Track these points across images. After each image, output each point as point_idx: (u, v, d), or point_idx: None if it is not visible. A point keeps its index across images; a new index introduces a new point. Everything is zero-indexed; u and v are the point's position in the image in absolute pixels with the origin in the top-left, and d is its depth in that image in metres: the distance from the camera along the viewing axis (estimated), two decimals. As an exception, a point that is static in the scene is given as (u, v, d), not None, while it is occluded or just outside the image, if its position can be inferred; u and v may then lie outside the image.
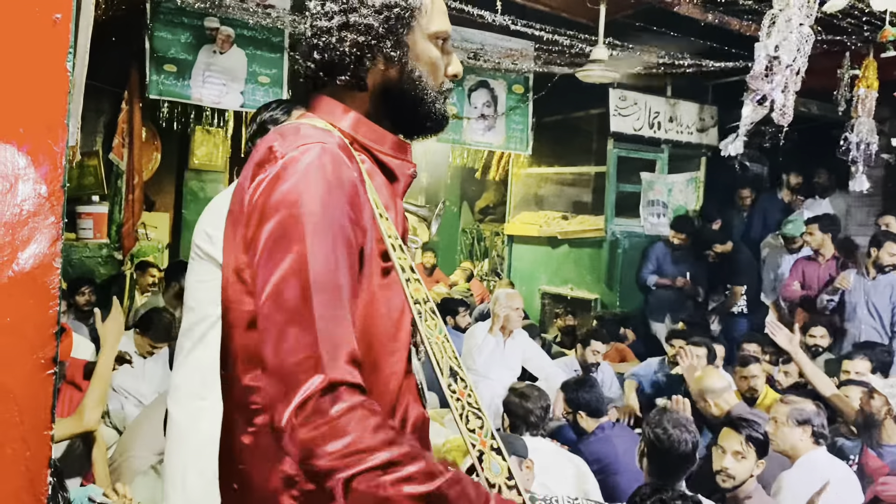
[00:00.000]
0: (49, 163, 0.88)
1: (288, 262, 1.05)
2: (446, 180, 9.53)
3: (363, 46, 1.20)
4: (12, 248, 0.86)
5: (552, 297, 7.77)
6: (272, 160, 1.13)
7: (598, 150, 7.57)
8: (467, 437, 1.07)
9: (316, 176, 1.09)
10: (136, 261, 6.50)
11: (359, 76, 1.22)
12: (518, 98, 6.91)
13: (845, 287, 5.32)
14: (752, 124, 3.76)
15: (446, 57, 1.30)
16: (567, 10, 5.71)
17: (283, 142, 1.14)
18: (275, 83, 5.57)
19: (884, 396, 3.41)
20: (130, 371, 4.10)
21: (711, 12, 5.25)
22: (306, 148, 1.11)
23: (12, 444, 0.86)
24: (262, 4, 5.17)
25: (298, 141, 1.13)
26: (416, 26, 1.24)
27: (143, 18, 5.09)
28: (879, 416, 3.39)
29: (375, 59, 1.22)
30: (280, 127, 1.22)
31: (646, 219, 7.26)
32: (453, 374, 1.11)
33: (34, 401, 0.88)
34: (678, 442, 2.69)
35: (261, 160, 1.15)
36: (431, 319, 1.16)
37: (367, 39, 1.20)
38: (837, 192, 6.91)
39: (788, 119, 3.64)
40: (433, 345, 1.12)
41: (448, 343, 1.15)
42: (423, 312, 1.16)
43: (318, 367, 0.99)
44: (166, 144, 7.30)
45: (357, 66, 1.21)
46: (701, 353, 4.36)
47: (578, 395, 3.64)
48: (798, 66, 3.42)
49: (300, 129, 1.17)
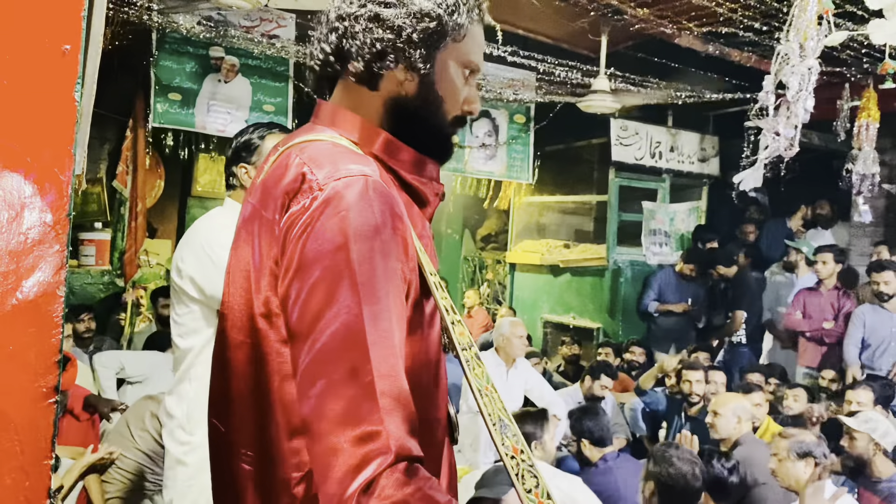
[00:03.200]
0: (55, 191, 0.88)
1: (340, 317, 0.94)
2: (448, 208, 9.55)
3: (388, 45, 1.11)
4: (17, 276, 0.86)
5: (554, 325, 7.74)
6: (307, 191, 1.01)
7: (600, 179, 7.60)
8: (525, 499, 0.97)
9: (364, 217, 0.98)
10: (149, 289, 6.50)
11: (373, 72, 1.12)
12: (520, 127, 6.96)
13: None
14: (769, 159, 3.77)
15: (468, 90, 1.21)
16: (568, 41, 5.77)
17: (317, 169, 1.03)
18: (279, 112, 5.62)
19: (865, 435, 3.38)
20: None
21: (712, 44, 5.30)
22: (350, 181, 1.00)
23: (12, 473, 0.85)
24: (267, 34, 5.24)
25: (338, 171, 1.02)
26: (452, 48, 1.15)
27: (149, 47, 5.14)
28: (868, 454, 3.36)
29: (397, 65, 1.12)
30: (305, 148, 1.10)
31: (648, 248, 7.26)
32: (504, 428, 1.02)
33: (35, 430, 0.87)
34: (684, 478, 2.66)
35: (291, 188, 1.04)
36: (479, 367, 1.07)
37: (394, 39, 1.11)
38: (839, 223, 6.93)
39: (795, 151, 3.66)
40: (483, 396, 1.04)
41: (496, 393, 1.06)
42: (471, 360, 1.07)
43: (380, 438, 0.90)
44: (170, 172, 7.33)
45: (374, 62, 1.12)
46: (721, 378, 4.50)
47: (583, 422, 3.61)
48: (807, 99, 3.45)
49: (333, 153, 1.07)
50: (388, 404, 0.93)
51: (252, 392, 1.09)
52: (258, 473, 1.09)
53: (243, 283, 1.11)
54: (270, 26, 5.29)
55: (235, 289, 1.13)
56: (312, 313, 0.97)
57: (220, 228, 2.06)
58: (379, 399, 0.92)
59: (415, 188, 1.16)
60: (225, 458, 1.15)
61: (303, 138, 1.14)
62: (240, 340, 1.11)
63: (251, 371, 1.09)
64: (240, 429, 1.12)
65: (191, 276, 2.12)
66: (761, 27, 4.77)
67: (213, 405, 1.20)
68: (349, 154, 1.08)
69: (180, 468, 2.16)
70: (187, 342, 2.16)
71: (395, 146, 1.15)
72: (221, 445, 1.16)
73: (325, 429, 0.92)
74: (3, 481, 0.85)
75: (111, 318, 6.48)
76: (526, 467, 1.00)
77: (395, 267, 1.00)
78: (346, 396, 0.92)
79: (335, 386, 0.93)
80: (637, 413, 4.95)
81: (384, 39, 1.11)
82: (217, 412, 1.17)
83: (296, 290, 0.99)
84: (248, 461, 1.10)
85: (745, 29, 4.86)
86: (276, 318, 1.05)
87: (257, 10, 5.08)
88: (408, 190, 1.16)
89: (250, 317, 1.09)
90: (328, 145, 1.10)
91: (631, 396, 5.27)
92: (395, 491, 0.89)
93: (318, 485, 0.94)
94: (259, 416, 1.08)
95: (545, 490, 0.99)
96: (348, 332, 0.94)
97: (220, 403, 1.17)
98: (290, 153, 1.11)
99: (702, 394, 4.48)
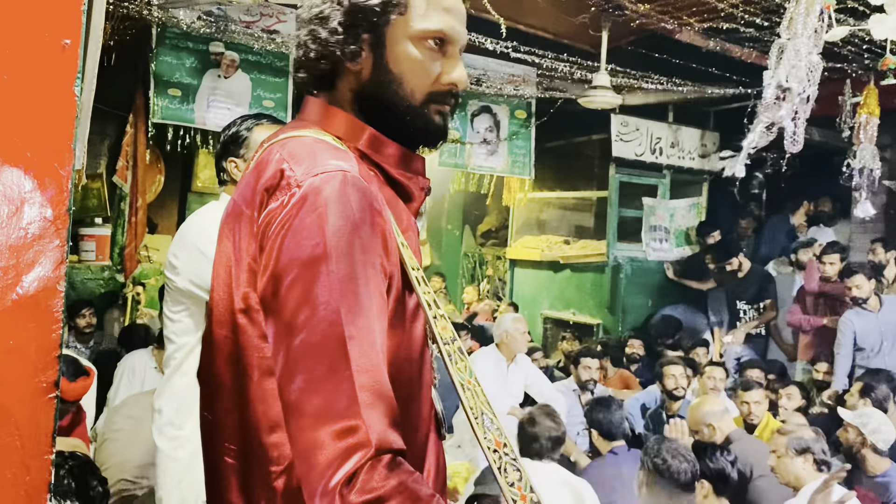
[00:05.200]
0: (55, 186, 0.88)
1: (318, 313, 0.95)
2: (448, 204, 9.55)
3: (320, 41, 1.11)
4: (17, 271, 0.86)
5: (554, 321, 7.75)
6: (285, 188, 1.02)
7: (600, 174, 7.60)
8: (507, 493, 0.99)
9: (342, 213, 0.98)
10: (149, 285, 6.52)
11: (319, 71, 1.13)
12: (520, 123, 6.95)
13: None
14: (755, 149, 3.77)
15: (446, 62, 1.14)
16: (569, 36, 5.76)
17: (296, 165, 1.03)
18: (279, 107, 5.61)
19: (856, 428, 3.39)
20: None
21: (713, 39, 5.30)
22: (328, 177, 1.00)
23: (12, 468, 0.86)
24: (267, 29, 5.23)
25: (316, 167, 1.02)
26: (397, 23, 1.11)
27: (149, 43, 5.14)
28: (856, 447, 3.37)
29: (337, 56, 1.11)
30: (286, 143, 1.10)
31: (648, 244, 7.26)
32: (487, 423, 1.03)
33: (35, 425, 0.87)
34: (677, 472, 2.68)
35: (269, 185, 1.04)
36: (461, 361, 1.06)
37: (325, 34, 1.10)
38: (841, 220, 6.93)
39: (799, 147, 3.65)
40: (465, 390, 1.04)
41: (479, 387, 1.06)
42: (453, 354, 1.06)
43: (360, 432, 0.91)
44: (170, 167, 7.33)
45: (320, 60, 1.12)
46: (720, 374, 4.56)
47: (594, 414, 3.77)
48: (809, 94, 3.44)
49: (313, 149, 1.07)
50: (368, 398, 0.93)
51: (233, 387, 1.10)
52: (240, 467, 1.10)
53: (225, 279, 1.11)
54: (270, 21, 5.28)
55: (219, 284, 1.14)
56: (291, 310, 0.97)
57: (212, 223, 2.04)
58: (358, 393, 0.93)
59: (400, 183, 1.15)
60: (212, 452, 1.17)
61: (287, 134, 1.14)
62: (223, 335, 1.12)
63: (232, 366, 1.10)
64: (224, 422, 1.13)
65: (184, 272, 2.10)
66: (762, 23, 4.77)
67: (203, 398, 1.21)
68: (329, 149, 1.07)
69: (171, 465, 2.13)
70: (182, 339, 2.14)
71: (379, 141, 1.14)
72: (211, 438, 1.18)
73: (305, 424, 0.93)
74: (3, 476, 0.85)
75: (111, 313, 6.48)
76: (508, 461, 1.01)
77: (374, 262, 1.00)
78: (325, 391, 0.93)
79: (315, 381, 0.94)
80: (636, 410, 4.96)
81: (319, 37, 1.11)
82: (207, 405, 1.18)
83: (274, 287, 0.99)
84: (231, 455, 1.11)
85: (746, 25, 4.85)
86: (255, 313, 1.06)
87: (257, 6, 5.07)
88: (393, 185, 1.15)
89: (231, 312, 1.09)
90: (310, 141, 1.10)
91: (631, 393, 5.29)
92: (377, 483, 0.89)
93: (301, 478, 0.94)
94: (240, 410, 1.09)
95: (528, 483, 1.00)
96: (327, 328, 0.95)
97: (208, 397, 1.18)
98: (272, 149, 1.11)
99: (685, 387, 4.58)
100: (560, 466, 3.34)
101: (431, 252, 9.58)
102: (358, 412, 0.92)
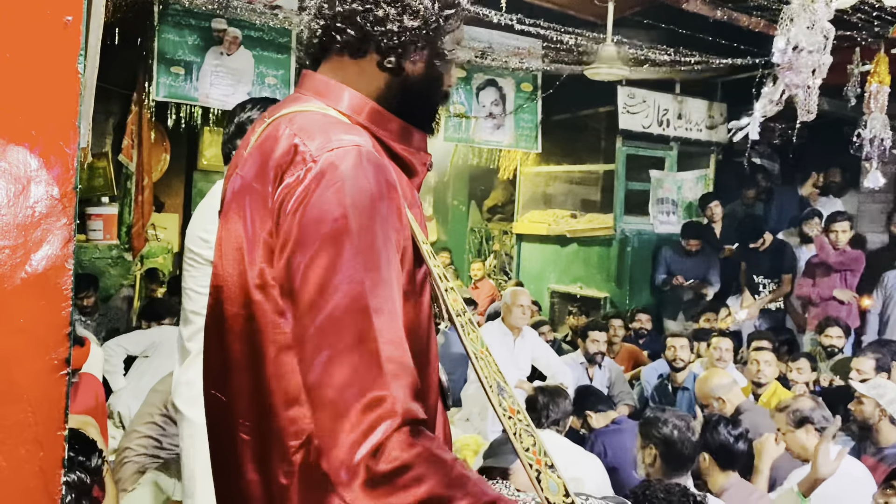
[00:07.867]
0: (61, 165, 0.88)
1: (343, 287, 0.96)
2: (453, 179, 9.52)
3: (416, 34, 1.13)
4: (25, 249, 0.86)
5: (561, 295, 7.75)
6: (300, 163, 1.02)
7: (607, 147, 7.55)
8: (524, 457, 1.02)
9: (361, 187, 0.99)
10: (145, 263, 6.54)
11: (393, 56, 1.13)
12: (526, 96, 6.90)
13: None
14: (767, 111, 3.71)
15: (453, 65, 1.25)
16: (575, 7, 5.69)
17: (309, 140, 1.04)
18: (282, 84, 5.58)
19: (872, 400, 3.38)
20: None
21: (720, 9, 5.23)
22: (343, 152, 1.01)
23: (26, 444, 0.87)
24: (270, 6, 5.18)
25: (330, 142, 1.03)
26: (454, 28, 1.19)
27: (151, 20, 5.10)
28: (873, 419, 3.37)
29: (423, 51, 1.15)
30: (293, 118, 1.10)
31: (655, 217, 7.24)
32: (501, 391, 1.05)
33: (47, 402, 0.88)
34: (679, 442, 2.68)
35: (283, 160, 1.05)
36: (473, 332, 1.09)
37: (423, 28, 1.13)
38: (850, 191, 6.88)
39: (812, 116, 3.60)
40: (479, 360, 1.07)
41: (491, 356, 1.09)
42: (465, 325, 1.09)
43: (386, 403, 0.93)
44: (175, 146, 7.33)
45: (399, 48, 1.13)
46: (727, 345, 4.54)
47: (585, 401, 3.83)
48: (823, 61, 3.39)
49: (324, 124, 1.08)
50: (394, 369, 0.95)
51: (248, 363, 1.10)
52: (256, 442, 1.10)
53: (236, 256, 1.11)
54: (273, -4, 5.23)
55: (228, 261, 1.13)
56: (315, 285, 0.98)
57: None
58: (384, 365, 0.94)
59: (403, 158, 1.17)
60: (224, 429, 1.17)
61: (290, 109, 1.14)
62: (234, 312, 1.11)
63: (247, 342, 1.10)
64: (238, 399, 1.13)
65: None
66: (771, -9, 4.70)
67: (209, 377, 1.21)
68: (340, 124, 1.08)
69: (204, 433, 2.13)
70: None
71: (383, 116, 1.15)
72: (220, 416, 1.18)
73: (331, 396, 0.94)
74: (17, 452, 0.86)
75: (120, 291, 6.52)
76: (523, 427, 1.04)
77: (391, 236, 1.02)
78: (351, 364, 0.95)
79: (341, 354, 0.95)
80: (653, 378, 4.96)
81: (412, 29, 1.12)
82: (216, 383, 1.18)
83: (296, 262, 1.00)
84: (245, 431, 1.12)
85: (754, -7, 4.79)
86: (271, 289, 1.06)
87: (259, -20, 5.02)
88: (395, 160, 1.16)
89: (245, 289, 1.09)
90: (318, 115, 1.11)
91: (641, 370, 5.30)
92: (401, 452, 0.91)
93: (325, 451, 0.95)
94: (256, 386, 1.09)
95: (541, 448, 1.03)
96: (352, 301, 0.96)
97: (217, 375, 1.18)
98: (279, 124, 1.11)
99: (686, 359, 4.60)
100: (565, 439, 3.37)
101: (438, 227, 9.58)
102: (385, 383, 0.94)
